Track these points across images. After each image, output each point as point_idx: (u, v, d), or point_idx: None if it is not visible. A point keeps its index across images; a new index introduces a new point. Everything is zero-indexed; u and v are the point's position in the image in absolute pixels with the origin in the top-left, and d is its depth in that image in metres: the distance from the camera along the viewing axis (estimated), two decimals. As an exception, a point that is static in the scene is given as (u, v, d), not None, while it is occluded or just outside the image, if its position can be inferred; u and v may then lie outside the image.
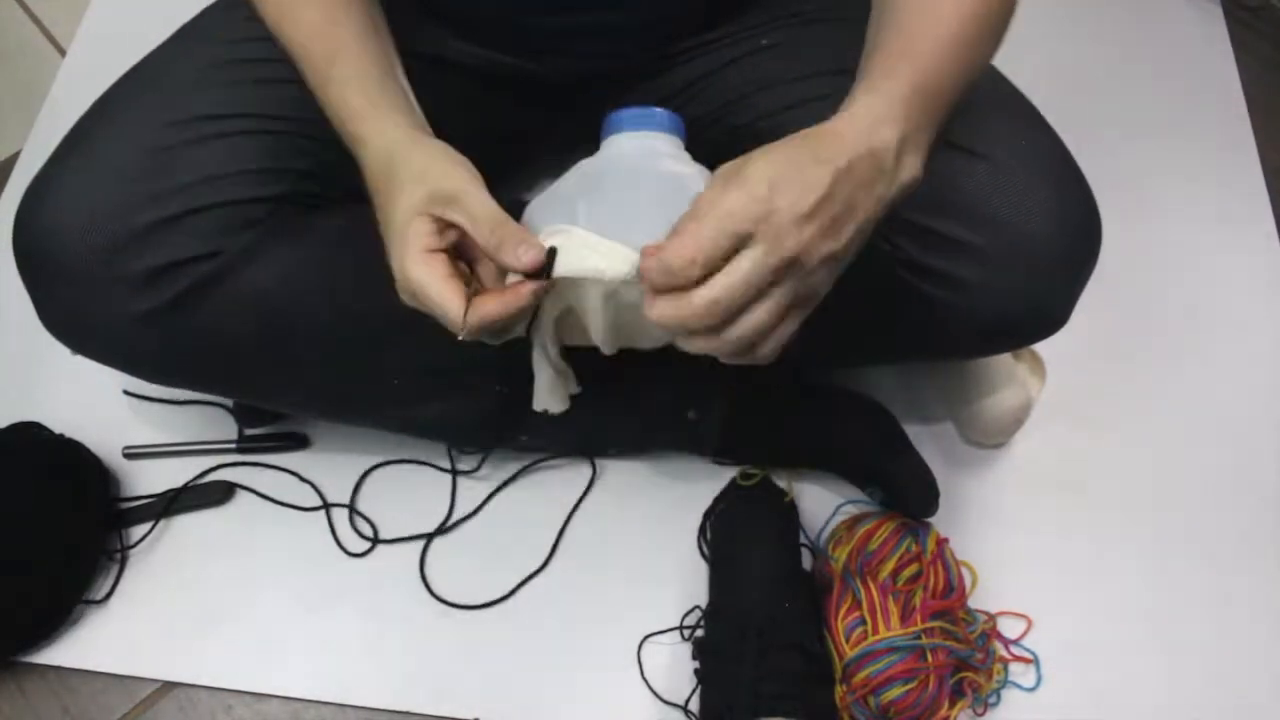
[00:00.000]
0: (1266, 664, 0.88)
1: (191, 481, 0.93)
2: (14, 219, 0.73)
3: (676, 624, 0.88)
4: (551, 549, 0.91)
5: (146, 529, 0.91)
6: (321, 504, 0.93)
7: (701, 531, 0.91)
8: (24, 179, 0.73)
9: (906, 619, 0.80)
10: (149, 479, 0.94)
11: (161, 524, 0.91)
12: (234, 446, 0.94)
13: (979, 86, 0.67)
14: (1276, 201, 1.11)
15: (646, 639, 0.87)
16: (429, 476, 0.94)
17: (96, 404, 0.96)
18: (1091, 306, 0.76)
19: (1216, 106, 1.18)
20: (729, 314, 0.55)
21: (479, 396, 0.85)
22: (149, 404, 0.96)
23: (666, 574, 0.90)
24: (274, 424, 0.95)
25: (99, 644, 0.87)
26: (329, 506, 0.93)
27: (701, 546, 0.91)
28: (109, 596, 0.88)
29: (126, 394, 0.96)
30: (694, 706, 0.84)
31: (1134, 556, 0.92)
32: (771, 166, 0.55)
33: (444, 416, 0.86)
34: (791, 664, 0.79)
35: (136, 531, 0.91)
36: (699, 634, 0.86)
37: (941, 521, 0.88)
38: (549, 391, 0.73)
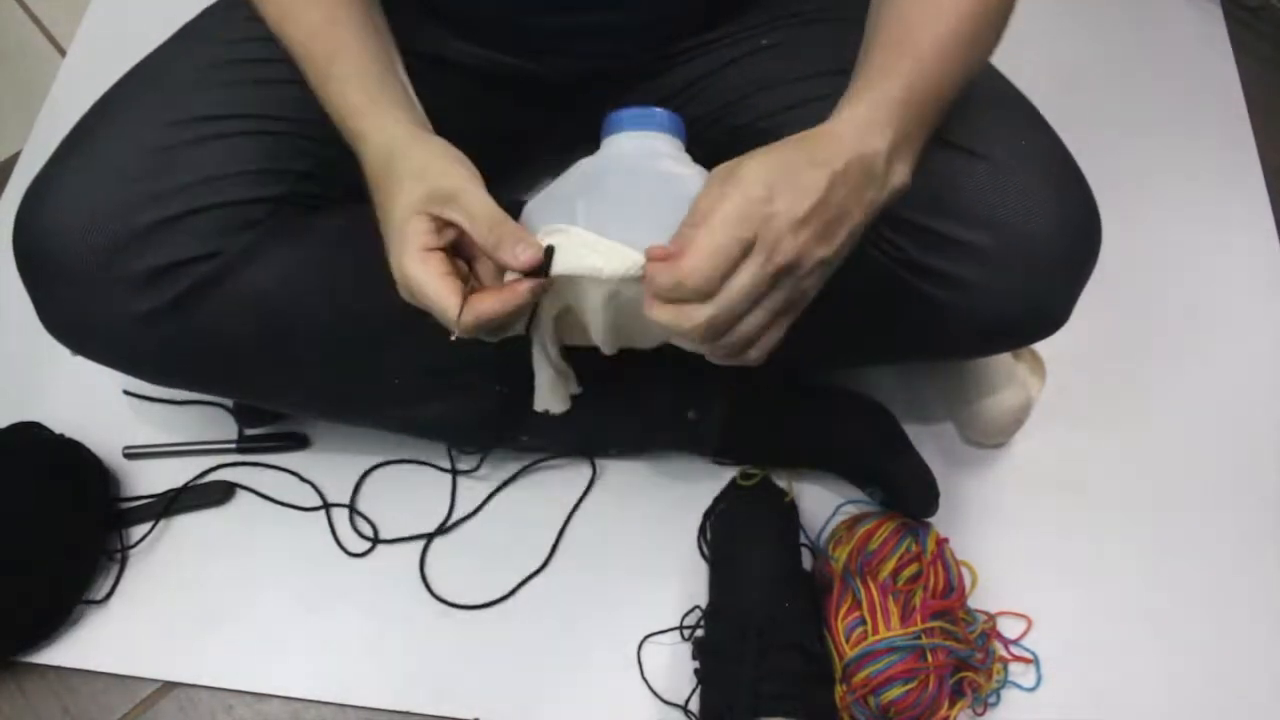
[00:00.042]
0: (1266, 664, 0.88)
1: (191, 481, 0.93)
2: (14, 219, 0.73)
3: (676, 624, 0.88)
4: (551, 549, 0.91)
5: (146, 529, 0.91)
6: (321, 504, 0.93)
7: (701, 531, 0.91)
8: (24, 179, 0.73)
9: (906, 619, 0.80)
10: (149, 479, 0.94)
11: (161, 524, 0.91)
12: (234, 446, 0.94)
13: (978, 86, 0.67)
14: (1276, 201, 1.11)
15: (646, 639, 0.87)
16: (429, 476, 0.94)
17: (96, 404, 0.96)
18: (1091, 306, 0.76)
19: (1216, 106, 1.18)
20: (727, 327, 0.56)
21: (479, 396, 0.85)
22: (149, 404, 0.96)
23: (666, 574, 0.90)
24: (274, 424, 0.95)
25: (99, 644, 0.87)
26: (329, 506, 0.93)
27: (701, 546, 0.91)
28: (109, 596, 0.88)
29: (126, 394, 0.96)
30: (694, 706, 0.84)
31: (1134, 556, 0.92)
32: (767, 169, 0.56)
33: (444, 416, 0.86)
34: (791, 664, 0.79)
35: (136, 531, 0.91)
36: (699, 634, 0.86)
37: (941, 521, 0.88)
38: (550, 391, 0.73)
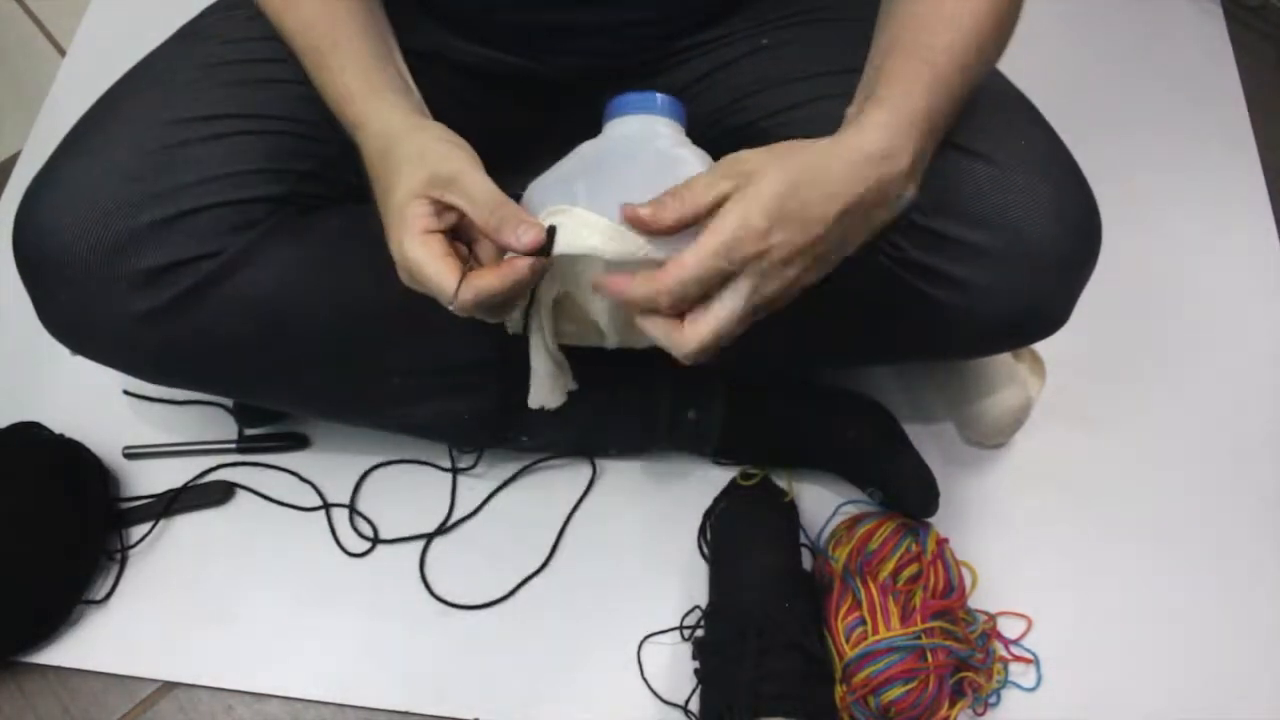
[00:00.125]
0: (1266, 664, 0.88)
1: (191, 481, 0.93)
2: (14, 219, 0.72)
3: (676, 624, 0.88)
4: (551, 549, 0.91)
5: (146, 529, 0.91)
6: (321, 504, 0.93)
7: (701, 531, 0.91)
8: (24, 179, 0.73)
9: (906, 619, 0.80)
10: (149, 479, 0.94)
11: (161, 524, 0.91)
12: (234, 446, 0.94)
13: (979, 86, 0.67)
14: (1276, 201, 1.11)
15: (646, 639, 0.87)
16: (429, 476, 0.94)
17: (96, 404, 0.96)
18: (1091, 306, 0.76)
19: (1216, 106, 1.18)
20: (716, 347, 0.58)
21: (479, 397, 0.85)
22: (149, 404, 0.96)
23: (666, 574, 0.90)
24: (274, 424, 0.95)
25: (99, 644, 0.87)
26: (329, 506, 0.93)
27: (701, 546, 0.91)
28: (109, 596, 0.88)
29: (126, 394, 0.96)
30: (694, 706, 0.84)
31: (1134, 557, 0.92)
32: (775, 193, 0.55)
33: (444, 416, 0.86)
34: (791, 664, 0.79)
35: (136, 531, 0.91)
36: (699, 634, 0.86)
37: (941, 521, 0.88)
38: (546, 384, 0.73)
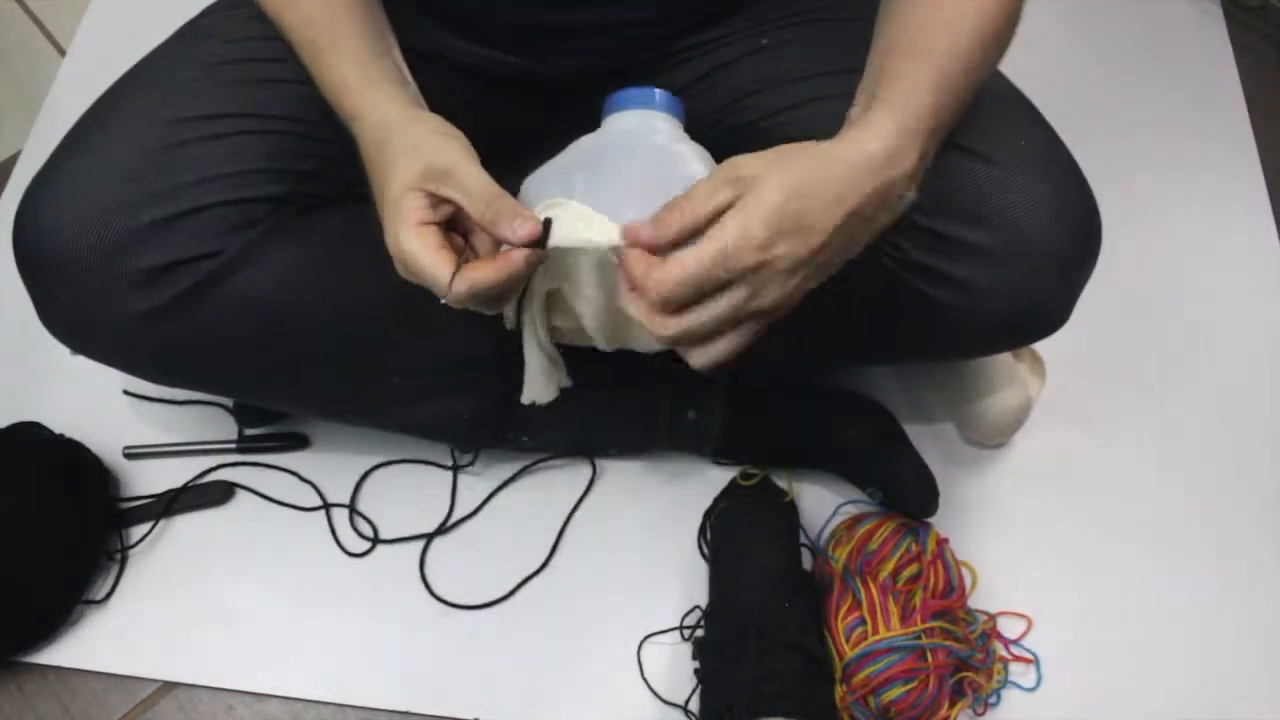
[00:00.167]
0: (1266, 664, 0.88)
1: (191, 481, 0.93)
2: (14, 218, 0.72)
3: (676, 624, 0.88)
4: (551, 549, 0.91)
5: (146, 529, 0.91)
6: (321, 504, 0.93)
7: (701, 531, 0.91)
8: (24, 179, 0.73)
9: (906, 619, 0.80)
10: (149, 479, 0.94)
11: (161, 524, 0.91)
12: (234, 446, 0.94)
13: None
14: (1276, 201, 1.11)
15: (646, 639, 0.87)
16: (429, 476, 0.94)
17: (96, 404, 0.96)
18: (1091, 306, 0.76)
19: (1216, 106, 1.18)
20: (695, 339, 0.58)
21: (479, 396, 0.85)
22: (149, 404, 0.96)
23: (666, 574, 0.90)
24: (274, 424, 0.95)
25: (99, 644, 0.87)
26: (329, 506, 0.93)
27: (701, 546, 0.91)
28: (109, 596, 0.88)
29: (126, 394, 0.96)
30: (694, 706, 0.84)
31: (1134, 557, 0.92)
32: (777, 203, 0.55)
33: (443, 416, 0.86)
34: (791, 664, 0.79)
35: (136, 531, 0.91)
36: (699, 634, 0.86)
37: (941, 521, 0.88)
38: (539, 380, 0.73)
